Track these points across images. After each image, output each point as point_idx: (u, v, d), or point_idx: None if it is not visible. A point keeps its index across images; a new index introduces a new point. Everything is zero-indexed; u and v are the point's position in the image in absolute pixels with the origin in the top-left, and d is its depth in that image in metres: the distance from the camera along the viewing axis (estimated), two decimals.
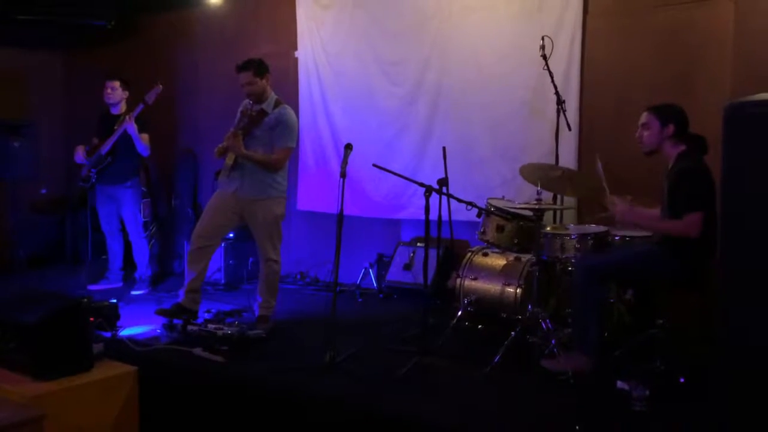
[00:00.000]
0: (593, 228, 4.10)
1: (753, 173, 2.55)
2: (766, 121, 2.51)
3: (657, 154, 3.63)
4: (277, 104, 4.49)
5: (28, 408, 2.98)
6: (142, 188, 6.10)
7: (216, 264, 5.88)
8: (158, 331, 4.42)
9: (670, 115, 3.55)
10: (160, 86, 5.55)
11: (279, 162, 4.46)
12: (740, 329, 2.59)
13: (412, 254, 5.52)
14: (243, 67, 4.40)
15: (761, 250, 2.52)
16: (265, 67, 4.45)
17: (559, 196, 4.60)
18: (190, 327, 4.31)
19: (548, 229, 4.18)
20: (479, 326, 4.35)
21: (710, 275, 3.36)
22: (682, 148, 3.55)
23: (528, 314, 3.90)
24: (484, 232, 4.30)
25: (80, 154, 5.74)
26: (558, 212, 4.70)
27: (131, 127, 5.53)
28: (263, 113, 4.42)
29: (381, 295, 5.59)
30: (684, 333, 3.77)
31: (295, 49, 6.22)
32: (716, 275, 2.72)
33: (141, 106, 5.55)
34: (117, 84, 5.75)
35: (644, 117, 3.63)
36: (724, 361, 2.66)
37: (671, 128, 3.53)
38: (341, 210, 3.84)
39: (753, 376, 2.56)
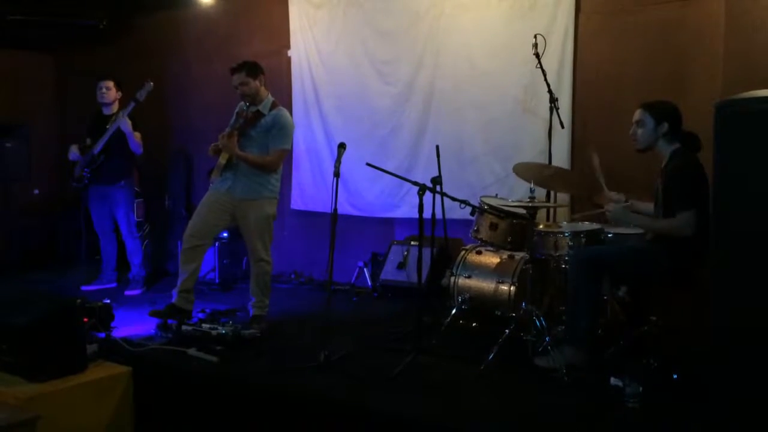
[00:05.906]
0: (586, 225, 4.11)
1: (744, 171, 2.56)
2: (757, 118, 2.53)
3: (650, 152, 3.63)
4: (273, 106, 4.50)
5: (23, 410, 2.98)
6: (135, 188, 6.09)
7: (210, 264, 5.88)
8: (152, 331, 4.40)
9: (664, 112, 3.54)
10: (151, 83, 5.55)
11: (273, 163, 4.47)
12: (732, 327, 2.60)
13: (405, 253, 5.52)
14: (236, 69, 4.44)
15: (753, 247, 2.54)
16: (258, 69, 4.47)
17: (552, 194, 4.61)
18: (184, 327, 4.30)
19: (541, 226, 4.19)
20: (473, 324, 4.36)
21: (703, 272, 3.38)
22: (676, 146, 3.55)
23: (522, 312, 3.91)
24: (477, 231, 4.30)
25: (74, 151, 5.73)
26: (551, 210, 4.71)
27: (125, 123, 5.52)
28: (259, 114, 4.44)
29: (375, 294, 5.58)
30: (677, 330, 3.78)
31: (288, 48, 6.22)
32: (709, 272, 2.73)
33: (132, 103, 5.54)
34: (111, 84, 5.75)
35: (638, 114, 3.61)
36: (716, 358, 2.67)
37: (666, 126, 3.53)
38: (335, 209, 3.84)
39: (745, 373, 2.58)
